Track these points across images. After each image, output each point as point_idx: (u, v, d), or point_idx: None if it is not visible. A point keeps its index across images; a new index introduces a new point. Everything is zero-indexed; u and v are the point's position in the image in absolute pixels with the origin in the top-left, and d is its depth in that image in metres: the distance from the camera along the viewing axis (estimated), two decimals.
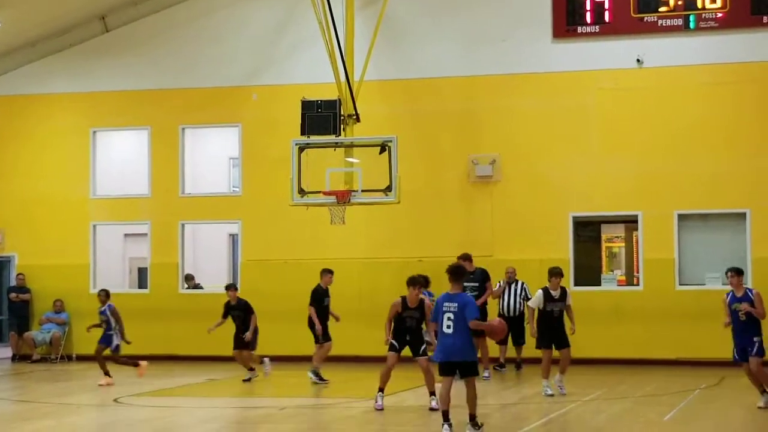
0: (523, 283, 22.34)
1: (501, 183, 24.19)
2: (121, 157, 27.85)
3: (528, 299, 21.12)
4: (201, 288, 26.64)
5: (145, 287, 26.31)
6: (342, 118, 22.55)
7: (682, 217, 23.52)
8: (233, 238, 28.33)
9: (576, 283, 23.43)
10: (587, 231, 24.85)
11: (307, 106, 22.35)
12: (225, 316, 20.71)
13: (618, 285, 24.91)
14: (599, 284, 24.03)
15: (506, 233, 24.03)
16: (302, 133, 22.29)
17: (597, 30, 23.82)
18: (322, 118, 22.32)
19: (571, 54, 23.98)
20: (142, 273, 27.66)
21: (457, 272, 13.57)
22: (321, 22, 22.61)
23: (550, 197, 23.94)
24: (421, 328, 16.15)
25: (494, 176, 24.18)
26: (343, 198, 21.93)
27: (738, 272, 15.96)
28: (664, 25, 23.54)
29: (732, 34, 23.35)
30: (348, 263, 24.40)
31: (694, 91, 23.52)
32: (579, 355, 20.91)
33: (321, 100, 22.39)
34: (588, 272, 24.19)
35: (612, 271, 27.72)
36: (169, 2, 25.94)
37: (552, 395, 16.66)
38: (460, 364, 13.37)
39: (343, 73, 22.63)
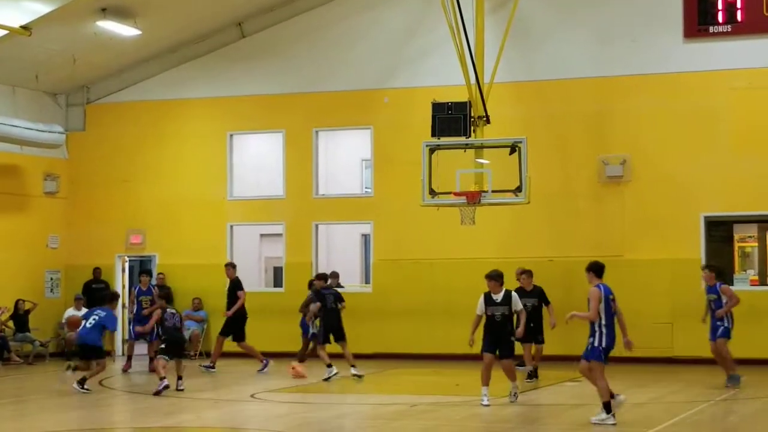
0: None
1: (631, 183, 24.09)
2: (257, 160, 28.41)
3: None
4: (342, 287, 26.91)
5: (280, 286, 26.82)
6: (472, 119, 22.70)
7: None
8: (365, 238, 28.70)
9: None
10: (719, 231, 24.54)
11: (438, 109, 22.58)
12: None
13: (751, 285, 24.56)
14: (732, 284, 23.56)
15: (636, 233, 23.93)
16: (433, 135, 22.53)
17: (729, 29, 23.54)
18: (452, 120, 22.50)
19: (703, 54, 23.74)
20: (277, 272, 28.20)
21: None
22: (451, 25, 22.82)
23: (681, 197, 23.76)
24: None
25: (624, 176, 24.11)
26: (474, 199, 22.10)
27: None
28: None
29: None
30: (478, 263, 24.53)
31: None
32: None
33: (451, 103, 22.57)
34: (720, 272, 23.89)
35: (745, 270, 27.29)
36: (302, 9, 26.39)
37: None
38: None
39: (473, 76, 22.79)
